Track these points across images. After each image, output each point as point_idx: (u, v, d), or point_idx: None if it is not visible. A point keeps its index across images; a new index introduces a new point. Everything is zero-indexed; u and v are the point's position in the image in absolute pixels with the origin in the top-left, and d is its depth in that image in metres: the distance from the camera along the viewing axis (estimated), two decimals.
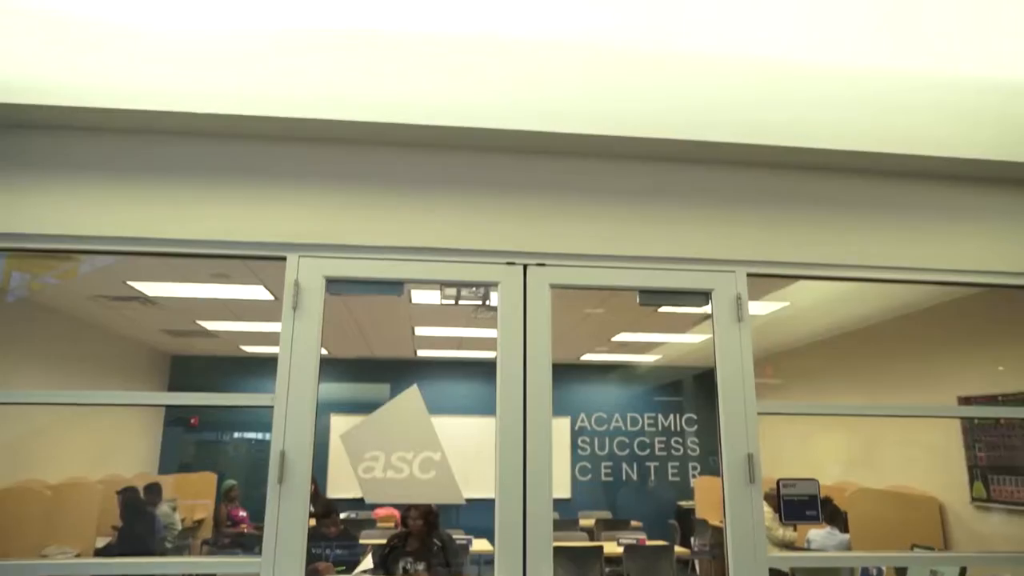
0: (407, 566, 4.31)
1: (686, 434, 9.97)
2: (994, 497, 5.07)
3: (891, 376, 6.25)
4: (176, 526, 6.80)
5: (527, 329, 2.53)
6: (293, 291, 2.44)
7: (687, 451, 9.89)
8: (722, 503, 2.49)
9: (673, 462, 9.79)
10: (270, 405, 2.36)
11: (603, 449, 9.73)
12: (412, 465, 2.52)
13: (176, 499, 7.22)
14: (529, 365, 2.51)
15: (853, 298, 5.75)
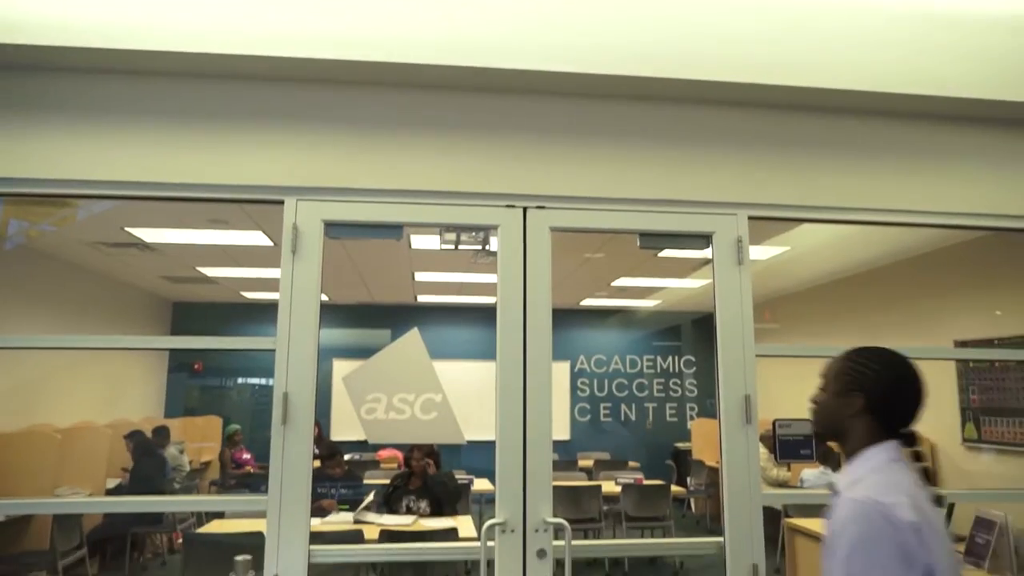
0: (410, 504, 4.44)
1: (684, 376, 10.10)
2: (985, 438, 5.17)
3: (889, 321, 6.30)
4: (184, 468, 6.96)
5: (527, 272, 2.53)
6: (292, 235, 2.43)
7: (685, 393, 10.04)
8: (719, 443, 2.53)
9: (671, 403, 9.95)
10: (272, 348, 2.38)
11: (602, 390, 9.88)
12: (414, 406, 2.55)
13: (184, 442, 7.37)
14: (529, 308, 2.52)
15: (853, 243, 5.75)
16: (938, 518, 1.36)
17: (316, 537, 2.41)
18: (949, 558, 1.31)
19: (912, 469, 1.42)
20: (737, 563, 2.46)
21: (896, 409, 1.45)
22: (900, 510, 1.29)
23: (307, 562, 2.31)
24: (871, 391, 1.46)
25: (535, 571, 2.37)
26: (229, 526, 4.41)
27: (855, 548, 1.29)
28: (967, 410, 5.33)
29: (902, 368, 1.48)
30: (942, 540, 1.31)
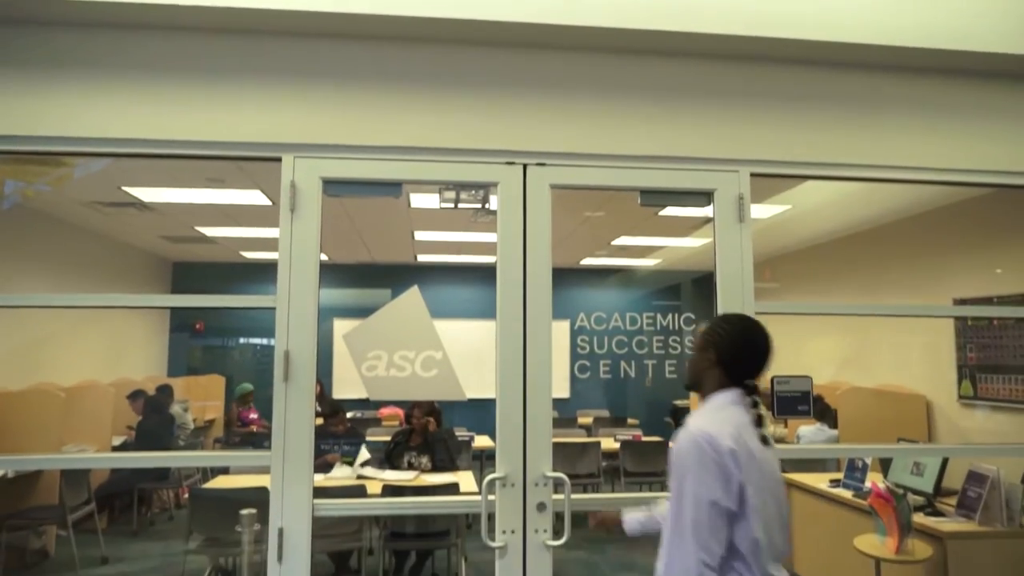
0: (411, 460, 4.50)
1: (684, 334, 10.15)
2: (980, 395, 5.22)
3: (889, 279, 6.30)
4: (188, 426, 7.05)
5: (527, 230, 2.52)
6: (290, 193, 2.41)
7: (684, 351, 10.11)
8: None
9: (670, 361, 10.02)
10: (272, 307, 2.38)
11: (602, 348, 9.94)
12: (414, 364, 2.57)
13: (187, 400, 7.44)
14: (529, 265, 2.52)
15: (854, 201, 5.71)
16: (762, 452, 1.65)
17: (319, 492, 2.45)
18: (762, 483, 1.60)
19: (747, 412, 1.71)
20: None
21: (741, 364, 1.74)
22: (722, 439, 1.59)
23: (311, 515, 2.35)
24: (721, 348, 1.76)
25: (535, 523, 2.42)
26: (234, 482, 4.48)
27: (689, 469, 1.60)
28: (964, 368, 5.37)
29: (750, 332, 1.78)
30: (758, 467, 1.61)
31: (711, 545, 1.55)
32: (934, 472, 3.68)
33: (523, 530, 2.42)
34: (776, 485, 1.68)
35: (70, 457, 4.33)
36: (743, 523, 1.58)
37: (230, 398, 8.80)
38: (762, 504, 1.59)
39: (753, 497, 1.58)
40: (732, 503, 1.57)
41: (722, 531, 1.57)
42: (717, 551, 1.56)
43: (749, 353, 1.75)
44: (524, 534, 2.41)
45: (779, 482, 1.71)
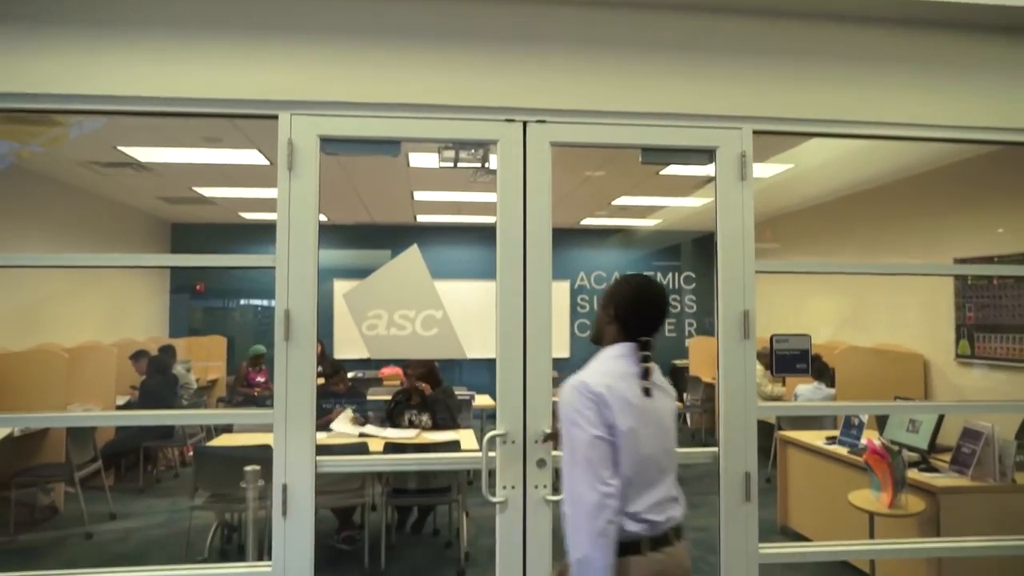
0: (412, 418, 4.56)
1: (684, 293, 10.18)
2: (977, 354, 5.26)
3: (889, 239, 6.28)
4: (191, 385, 7.11)
5: (527, 188, 2.50)
6: (287, 151, 2.38)
7: (684, 309, 10.15)
8: (717, 357, 2.57)
9: (670, 319, 10.07)
10: (272, 266, 2.38)
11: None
12: (415, 323, 2.58)
13: (190, 360, 7.49)
14: (529, 224, 2.51)
15: (856, 160, 5.67)
16: (642, 401, 1.81)
17: (322, 450, 2.48)
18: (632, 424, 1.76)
19: (636, 365, 1.86)
20: (730, 471, 2.55)
21: (635, 320, 1.89)
22: (594, 386, 1.77)
23: (314, 472, 2.39)
24: (618, 305, 1.91)
25: (535, 479, 2.46)
26: (237, 440, 4.55)
27: (567, 413, 1.78)
28: (962, 327, 5.39)
29: (644, 291, 1.92)
30: (635, 413, 1.77)
31: (605, 476, 1.71)
32: (929, 429, 3.72)
33: (523, 486, 2.46)
34: (658, 431, 1.83)
35: (75, 415, 4.39)
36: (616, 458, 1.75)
37: (232, 359, 8.87)
38: (632, 446, 1.75)
39: (622, 437, 1.74)
40: (611, 437, 1.75)
41: (608, 459, 1.73)
42: (612, 481, 1.72)
43: (642, 310, 1.90)
44: (524, 490, 2.45)
45: (664, 428, 1.86)
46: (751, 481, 2.55)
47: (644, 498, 1.78)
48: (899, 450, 3.37)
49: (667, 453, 1.86)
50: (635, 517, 1.76)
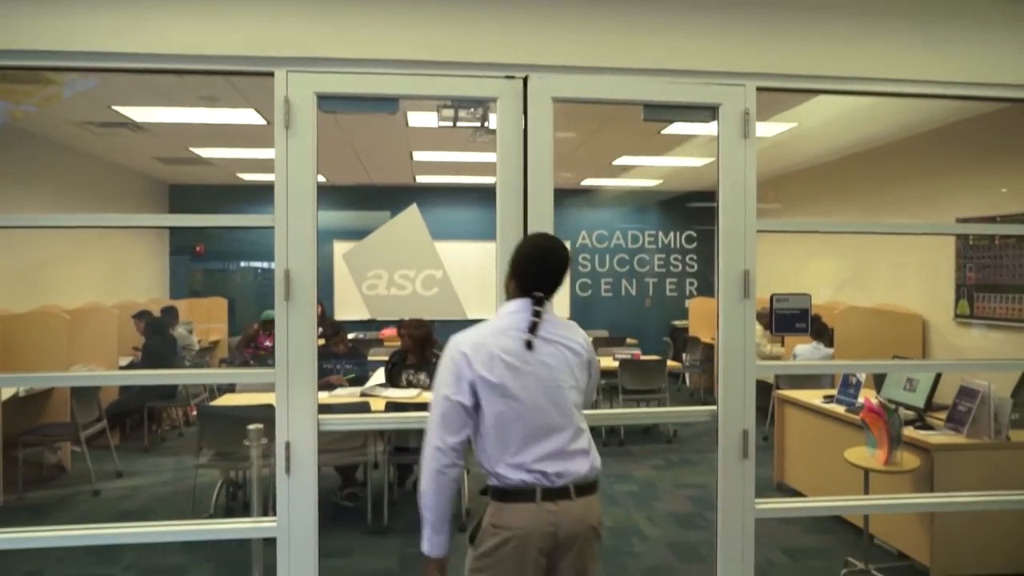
0: (409, 377, 4.59)
1: (685, 252, 10.16)
2: (977, 314, 5.27)
3: (893, 199, 6.24)
4: (193, 347, 7.15)
5: (528, 146, 2.47)
6: (284, 108, 2.35)
7: (685, 268, 10.15)
8: (717, 316, 2.58)
9: (671, 279, 10.07)
10: (271, 226, 2.37)
11: (603, 266, 9.98)
12: (415, 282, 2.58)
13: (191, 322, 7.52)
14: (530, 181, 2.48)
15: (860, 119, 5.60)
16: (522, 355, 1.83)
17: (324, 409, 2.51)
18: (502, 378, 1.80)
19: (527, 319, 1.86)
20: (729, 429, 2.57)
21: (527, 276, 1.92)
22: (463, 344, 1.85)
23: (316, 430, 2.41)
24: (515, 262, 1.95)
25: None
26: (240, 400, 4.59)
27: (439, 370, 1.87)
28: (962, 287, 5.40)
29: (537, 248, 1.98)
30: (500, 366, 1.81)
31: (444, 434, 1.81)
32: (926, 388, 3.75)
33: None
34: (540, 384, 1.84)
35: (79, 375, 4.43)
36: (481, 414, 1.83)
37: (233, 321, 8.90)
38: (501, 398, 1.81)
39: (487, 391, 1.81)
40: (464, 398, 1.81)
41: (455, 421, 1.81)
42: (450, 439, 1.81)
43: (535, 266, 1.93)
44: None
45: (551, 382, 1.85)
46: (749, 438, 2.58)
47: (532, 449, 1.81)
48: (896, 408, 3.40)
49: (556, 405, 1.85)
50: (522, 467, 1.81)
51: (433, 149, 7.20)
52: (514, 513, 1.81)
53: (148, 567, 3.52)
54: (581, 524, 1.83)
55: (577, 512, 1.83)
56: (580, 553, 1.84)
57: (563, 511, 1.81)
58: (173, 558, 3.61)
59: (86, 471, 4.79)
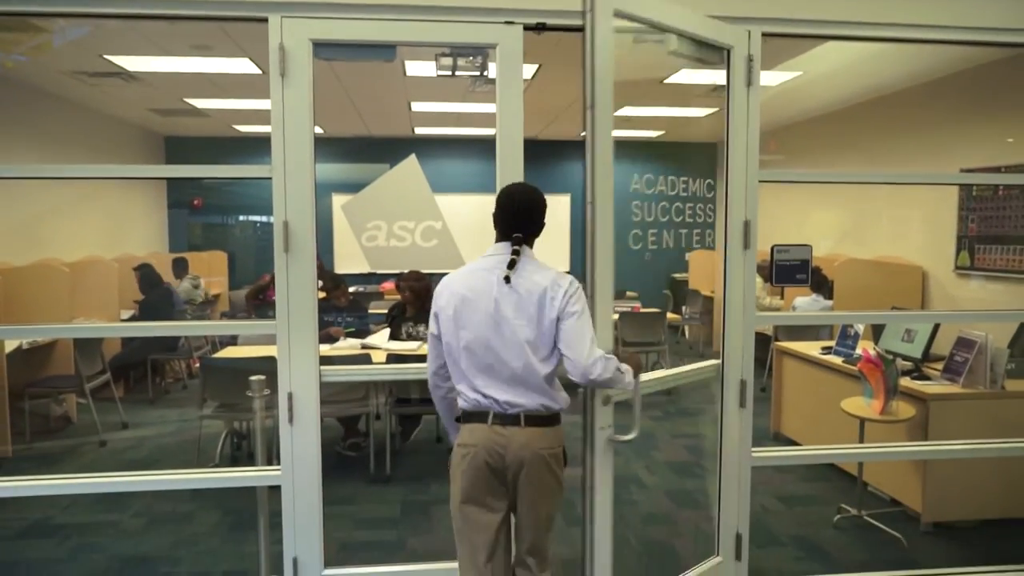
0: (409, 330, 4.60)
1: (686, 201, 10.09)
2: (977, 265, 5.27)
3: (897, 150, 6.17)
4: (196, 300, 7.17)
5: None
6: (279, 56, 2.30)
7: (685, 219, 10.10)
8: (717, 266, 2.58)
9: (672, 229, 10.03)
10: (268, 176, 2.34)
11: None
12: (414, 234, 2.57)
13: (199, 277, 7.51)
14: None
15: (866, 67, 5.50)
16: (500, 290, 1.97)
17: (325, 361, 2.52)
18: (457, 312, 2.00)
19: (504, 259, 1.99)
20: (728, 380, 2.60)
21: (503, 221, 2.06)
22: (440, 285, 2.07)
23: (318, 380, 2.43)
24: (496, 209, 2.09)
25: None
26: (242, 352, 4.62)
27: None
28: (963, 238, 5.38)
29: (500, 195, 2.09)
30: (458, 301, 2.00)
31: (430, 363, 2.14)
32: (924, 339, 3.77)
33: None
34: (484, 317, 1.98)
35: (81, 327, 4.44)
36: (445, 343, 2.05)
37: (233, 274, 8.90)
38: (455, 330, 2.01)
39: (445, 323, 2.03)
40: (435, 330, 2.07)
41: (433, 351, 2.11)
42: (431, 365, 2.13)
43: (505, 212, 2.05)
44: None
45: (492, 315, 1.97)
46: (747, 388, 2.61)
47: (484, 377, 1.99)
48: (893, 359, 3.43)
49: (506, 340, 1.97)
50: (476, 390, 2.00)
51: (432, 100, 7.09)
52: (470, 431, 2.02)
53: (156, 514, 3.60)
54: (527, 449, 1.97)
55: (523, 439, 1.97)
56: (530, 478, 1.98)
57: (511, 436, 1.97)
58: (180, 506, 3.69)
59: (92, 422, 4.86)
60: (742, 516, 2.68)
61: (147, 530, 3.43)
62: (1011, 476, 3.25)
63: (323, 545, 2.52)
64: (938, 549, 3.21)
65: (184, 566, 3.06)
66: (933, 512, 3.39)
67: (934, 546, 3.24)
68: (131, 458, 4.54)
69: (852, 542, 3.29)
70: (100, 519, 3.55)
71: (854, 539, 3.32)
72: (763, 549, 3.18)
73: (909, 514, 3.50)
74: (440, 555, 3.07)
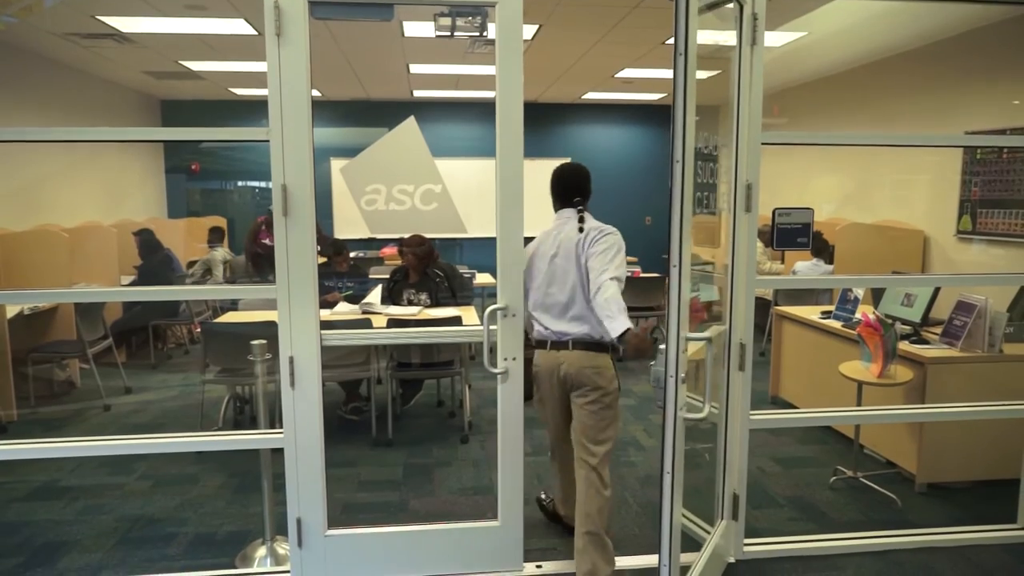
0: (410, 297, 4.59)
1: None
2: (979, 230, 5.25)
3: (901, 112, 6.10)
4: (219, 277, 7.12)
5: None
6: (274, 15, 2.26)
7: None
8: (720, 229, 2.57)
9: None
10: (265, 139, 2.32)
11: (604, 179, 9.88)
12: (414, 197, 2.55)
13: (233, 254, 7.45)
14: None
15: (873, 27, 5.41)
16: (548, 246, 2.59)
17: (326, 326, 2.53)
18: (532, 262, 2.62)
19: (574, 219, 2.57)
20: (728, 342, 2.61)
21: (556, 193, 2.67)
22: (533, 242, 2.61)
23: (319, 344, 2.44)
24: (551, 185, 2.68)
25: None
26: (243, 317, 4.63)
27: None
28: (966, 203, 5.35)
29: (558, 171, 2.68)
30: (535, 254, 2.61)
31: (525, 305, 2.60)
32: (924, 303, 3.78)
33: (524, 358, 2.53)
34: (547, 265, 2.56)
35: (81, 291, 4.44)
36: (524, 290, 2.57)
37: (233, 240, 8.88)
38: (531, 276, 2.61)
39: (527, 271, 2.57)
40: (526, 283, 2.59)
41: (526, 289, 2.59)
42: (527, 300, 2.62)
43: (555, 186, 2.67)
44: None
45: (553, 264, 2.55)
46: (746, 351, 2.62)
47: (545, 313, 2.57)
48: (892, 323, 3.44)
49: (561, 285, 2.52)
50: (540, 323, 2.58)
51: (430, 62, 6.99)
52: (538, 354, 2.60)
53: (160, 477, 3.65)
54: (574, 366, 2.49)
55: (574, 358, 2.50)
56: (582, 387, 2.49)
57: (564, 357, 2.51)
58: (185, 469, 3.73)
59: (95, 387, 4.89)
60: (740, 477, 2.72)
61: (153, 492, 3.48)
62: (1003, 438, 3.28)
63: (326, 506, 2.56)
64: (932, 509, 3.26)
65: (190, 526, 3.11)
66: (928, 473, 3.44)
67: (928, 506, 3.29)
68: (135, 422, 4.59)
69: (847, 503, 3.34)
70: (106, 481, 3.60)
71: (849, 500, 3.37)
72: (760, 509, 3.23)
73: (904, 475, 3.54)
74: (442, 516, 3.12)
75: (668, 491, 2.00)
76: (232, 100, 8.92)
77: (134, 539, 3.00)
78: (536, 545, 2.87)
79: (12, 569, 2.74)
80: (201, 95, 8.83)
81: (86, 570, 2.74)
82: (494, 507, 2.66)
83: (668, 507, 2.02)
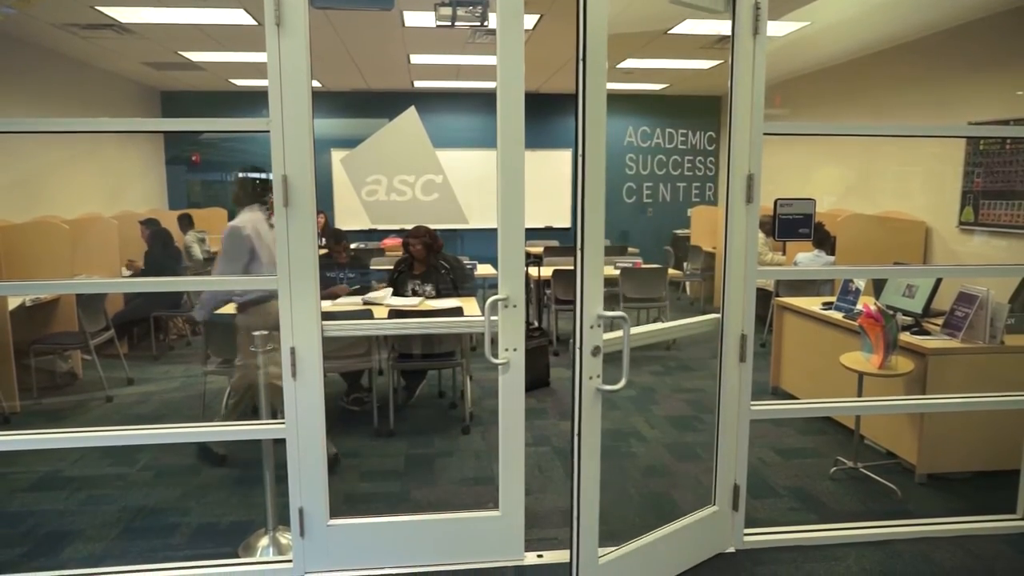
0: (415, 288, 4.59)
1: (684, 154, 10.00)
2: (981, 221, 5.24)
3: (904, 103, 6.08)
4: (198, 256, 7.18)
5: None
6: (274, 5, 2.24)
7: (684, 172, 10.02)
8: (721, 220, 2.56)
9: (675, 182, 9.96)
10: (266, 130, 2.31)
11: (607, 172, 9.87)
12: (414, 188, 2.55)
13: (205, 232, 7.51)
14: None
15: (877, 17, 5.38)
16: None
17: (328, 316, 2.53)
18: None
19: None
20: (729, 334, 2.61)
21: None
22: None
23: (320, 335, 2.45)
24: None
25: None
26: None
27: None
28: (968, 194, 5.34)
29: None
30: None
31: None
32: (925, 294, 3.77)
33: (525, 349, 2.53)
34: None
35: (83, 282, 4.45)
36: None
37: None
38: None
39: None
40: None
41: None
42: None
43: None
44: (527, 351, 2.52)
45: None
46: (747, 342, 2.62)
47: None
48: (894, 314, 3.43)
49: None
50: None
51: (431, 52, 6.97)
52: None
53: (163, 467, 3.66)
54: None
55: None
56: None
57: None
58: (187, 459, 3.75)
59: (98, 379, 4.90)
60: (740, 468, 2.72)
61: (155, 482, 3.49)
62: (1004, 429, 3.29)
63: (328, 496, 2.57)
64: (931, 500, 3.27)
65: (193, 516, 3.12)
66: (928, 464, 3.44)
67: (928, 497, 3.30)
68: (137, 413, 4.60)
69: (848, 493, 3.35)
70: (109, 472, 3.61)
71: (850, 490, 3.38)
72: (760, 500, 3.24)
73: (904, 466, 3.55)
74: (443, 506, 3.14)
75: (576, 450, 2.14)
76: (232, 91, 8.90)
77: (137, 529, 3.01)
78: (537, 535, 2.88)
79: (16, 559, 2.76)
80: (201, 86, 8.81)
81: (89, 560, 2.76)
82: (495, 497, 2.67)
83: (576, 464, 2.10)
